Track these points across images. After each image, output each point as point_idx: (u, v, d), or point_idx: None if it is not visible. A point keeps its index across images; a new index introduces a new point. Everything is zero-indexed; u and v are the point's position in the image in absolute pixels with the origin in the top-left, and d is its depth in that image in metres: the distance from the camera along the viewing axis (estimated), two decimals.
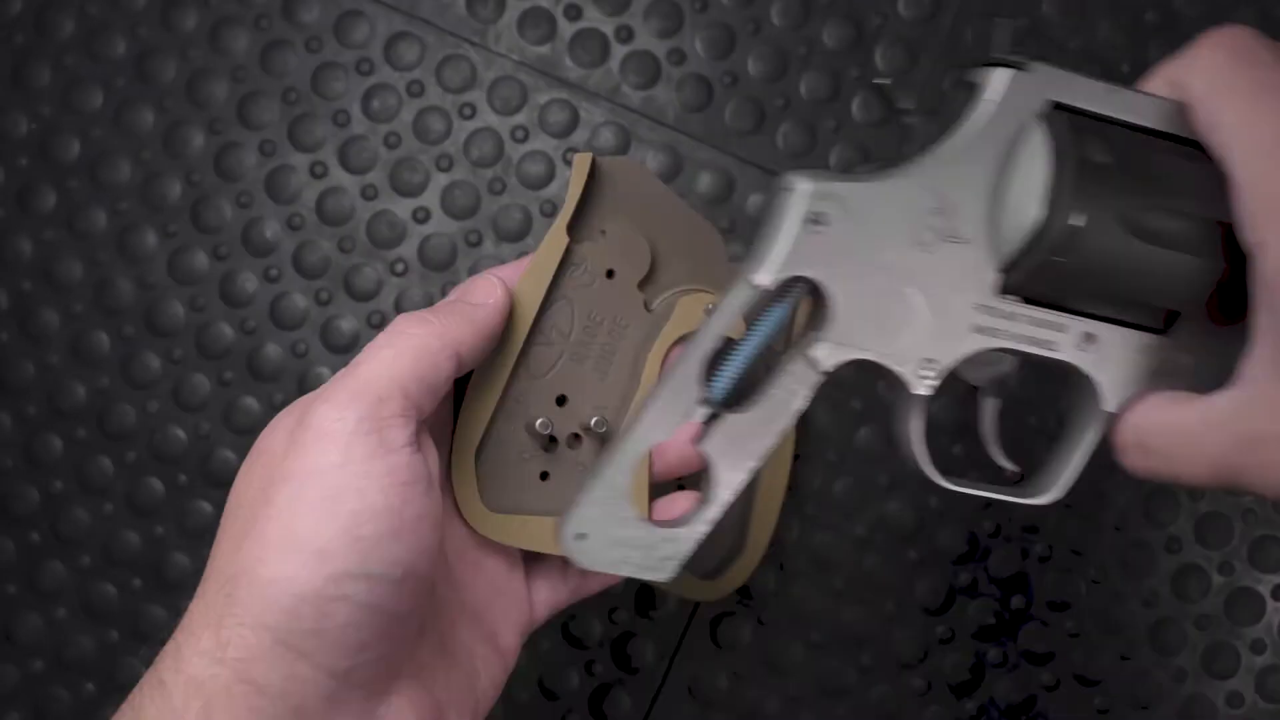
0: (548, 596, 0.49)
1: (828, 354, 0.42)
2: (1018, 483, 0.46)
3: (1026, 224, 0.41)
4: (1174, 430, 0.41)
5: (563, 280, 0.47)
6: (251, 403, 0.62)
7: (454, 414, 0.47)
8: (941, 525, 0.60)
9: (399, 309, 0.61)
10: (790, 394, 0.42)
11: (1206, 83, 0.41)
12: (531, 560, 0.49)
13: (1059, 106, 0.42)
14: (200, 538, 0.61)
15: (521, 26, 0.62)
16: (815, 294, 0.42)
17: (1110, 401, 0.43)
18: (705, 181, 0.61)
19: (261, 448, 0.43)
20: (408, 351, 0.42)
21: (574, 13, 0.62)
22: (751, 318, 0.42)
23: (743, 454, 0.42)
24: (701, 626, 0.61)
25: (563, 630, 0.61)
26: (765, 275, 0.41)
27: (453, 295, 0.47)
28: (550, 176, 0.62)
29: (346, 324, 0.62)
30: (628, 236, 0.48)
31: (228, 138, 0.62)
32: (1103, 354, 0.43)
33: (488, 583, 0.47)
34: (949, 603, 0.60)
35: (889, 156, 0.43)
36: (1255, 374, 0.40)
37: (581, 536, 0.42)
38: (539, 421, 0.46)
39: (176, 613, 0.61)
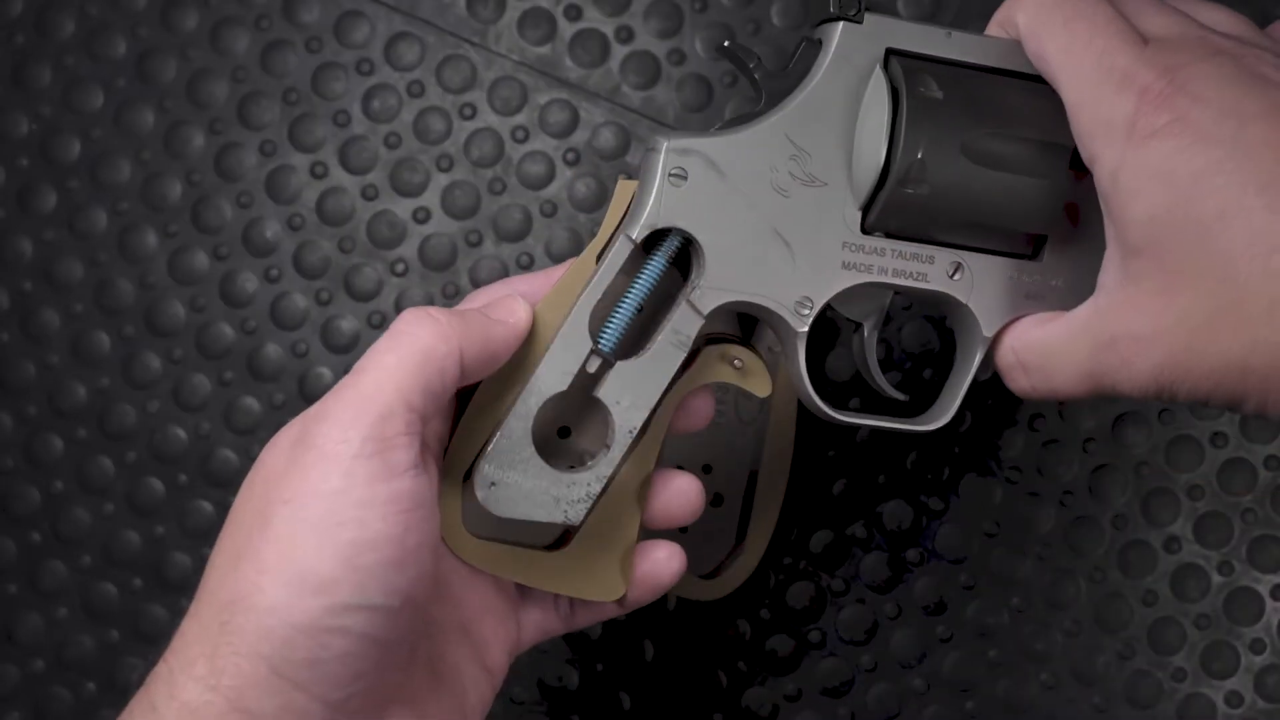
0: (539, 620, 0.48)
1: (705, 298, 0.45)
2: (912, 413, 0.49)
3: (876, 162, 0.44)
4: (1044, 346, 0.45)
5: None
6: (251, 403, 0.62)
7: (450, 429, 0.46)
8: (941, 524, 0.61)
9: (399, 309, 0.62)
10: (677, 339, 0.45)
11: (1028, 18, 0.44)
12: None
13: (896, 53, 0.45)
14: (201, 538, 0.61)
15: (521, 27, 0.62)
16: (692, 244, 0.45)
17: (988, 327, 0.46)
18: None
19: (262, 462, 0.42)
20: (411, 357, 0.41)
21: (574, 13, 0.62)
22: (632, 271, 0.45)
23: (637, 398, 0.45)
24: (701, 626, 0.61)
25: None
26: (634, 229, 0.44)
27: (474, 303, 0.45)
28: (550, 177, 0.62)
29: (347, 324, 0.62)
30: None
31: (228, 138, 0.62)
32: (974, 282, 0.46)
33: (479, 600, 0.46)
34: (948, 602, 0.60)
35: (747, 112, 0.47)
36: (1105, 281, 0.43)
37: (493, 485, 0.44)
38: (542, 435, 0.45)
39: (177, 612, 0.61)
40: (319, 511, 0.39)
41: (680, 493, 0.47)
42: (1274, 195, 0.39)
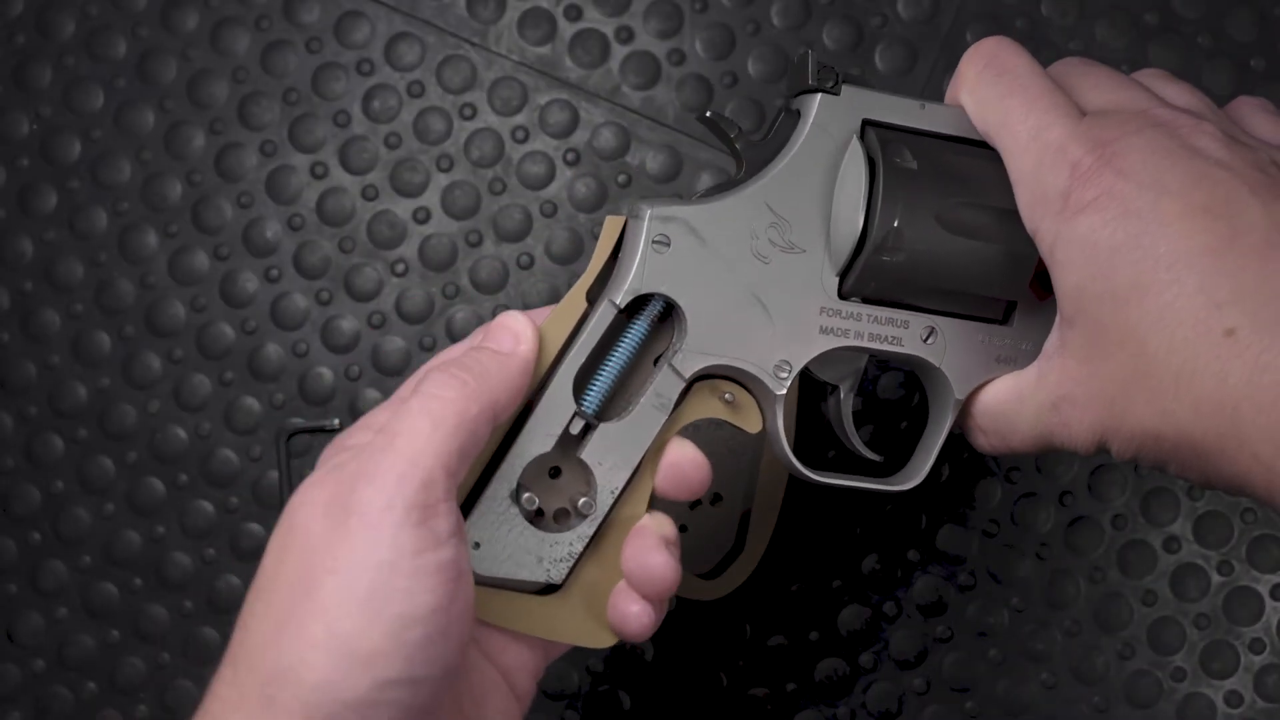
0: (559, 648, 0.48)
1: (687, 362, 0.45)
2: (885, 472, 0.50)
3: (854, 230, 0.45)
4: (997, 410, 0.47)
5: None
6: (252, 403, 0.62)
7: None
8: (941, 525, 0.61)
9: (399, 309, 0.62)
10: (659, 402, 0.45)
11: (969, 94, 0.46)
12: None
13: (873, 124, 0.46)
14: (201, 538, 0.61)
15: (522, 27, 0.62)
16: (674, 308, 0.45)
17: (960, 389, 0.47)
18: (705, 182, 0.61)
19: (294, 524, 0.40)
20: (447, 421, 0.40)
21: (574, 13, 0.62)
22: (616, 335, 0.46)
23: (620, 459, 0.45)
24: (701, 626, 0.61)
25: None
26: (619, 294, 0.45)
27: (475, 337, 0.45)
28: (550, 177, 0.62)
29: (347, 324, 0.62)
30: None
31: (228, 138, 0.62)
32: (947, 346, 0.47)
33: (503, 632, 0.46)
34: (948, 602, 0.60)
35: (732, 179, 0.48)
36: (1047, 348, 0.45)
37: (477, 545, 0.45)
38: (525, 496, 0.45)
39: (178, 612, 0.61)
40: (366, 584, 0.38)
41: (651, 571, 0.46)
42: (1181, 271, 0.40)
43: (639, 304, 0.46)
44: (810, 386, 0.59)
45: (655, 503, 0.47)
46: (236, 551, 0.61)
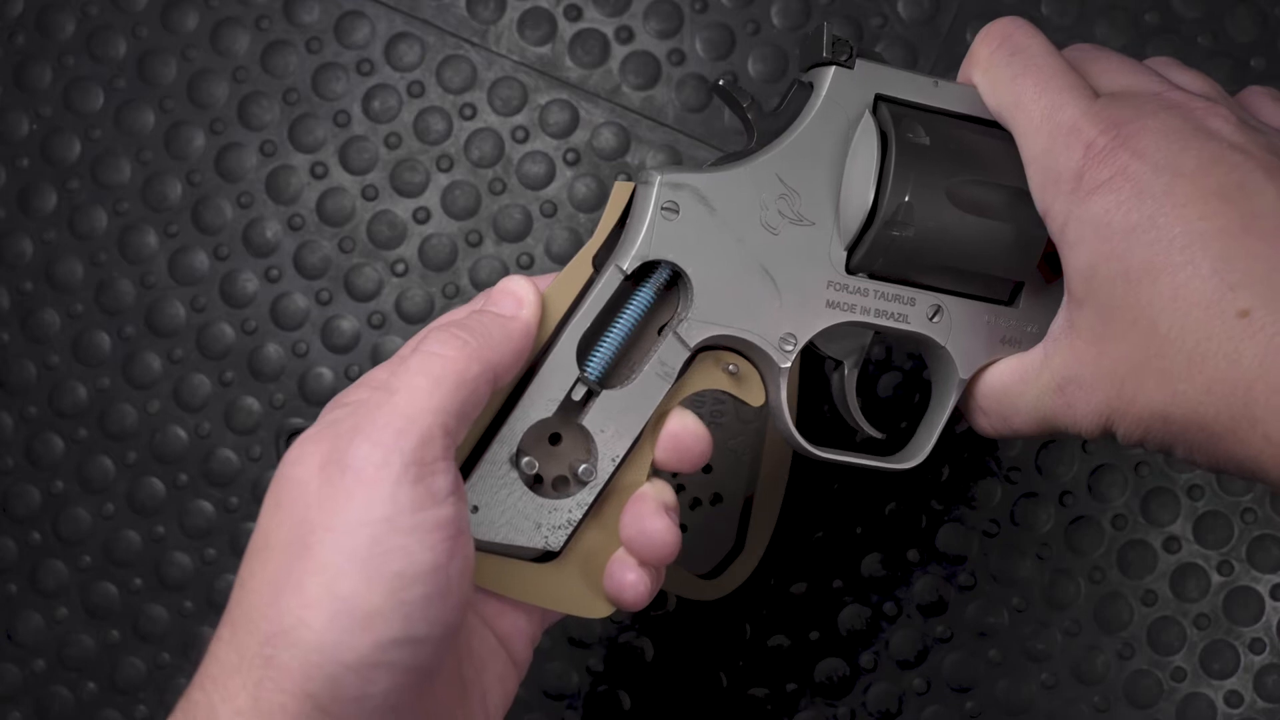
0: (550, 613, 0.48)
1: (692, 331, 0.45)
2: (888, 450, 0.49)
3: (864, 204, 0.45)
4: (1001, 391, 0.47)
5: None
6: (252, 403, 0.62)
7: None
8: (941, 525, 0.61)
9: (399, 309, 0.62)
10: (663, 371, 0.45)
11: (982, 74, 0.46)
12: None
13: (886, 99, 0.46)
14: (201, 538, 0.61)
15: (522, 27, 0.62)
16: (681, 276, 0.45)
17: (965, 369, 0.47)
18: None
19: (289, 477, 0.40)
20: (446, 380, 0.40)
21: (574, 13, 0.62)
22: (621, 302, 0.45)
23: (622, 427, 0.45)
24: (701, 626, 0.61)
25: (563, 629, 0.61)
26: (626, 260, 0.45)
27: (478, 301, 0.45)
28: (550, 177, 0.62)
29: (347, 324, 0.62)
30: None
31: (228, 138, 0.62)
32: (952, 325, 0.47)
33: (499, 598, 0.46)
34: (948, 602, 0.61)
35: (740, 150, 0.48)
36: (1054, 329, 0.45)
37: (475, 509, 0.44)
38: (525, 460, 0.45)
39: (178, 612, 0.61)
40: (363, 541, 0.38)
41: (650, 536, 0.45)
42: (1195, 253, 0.40)
43: (645, 271, 0.45)
44: (810, 382, 0.60)
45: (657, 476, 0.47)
46: (236, 551, 0.61)
